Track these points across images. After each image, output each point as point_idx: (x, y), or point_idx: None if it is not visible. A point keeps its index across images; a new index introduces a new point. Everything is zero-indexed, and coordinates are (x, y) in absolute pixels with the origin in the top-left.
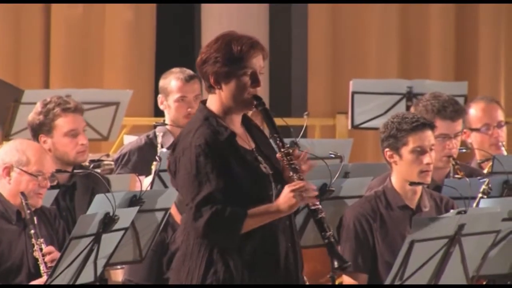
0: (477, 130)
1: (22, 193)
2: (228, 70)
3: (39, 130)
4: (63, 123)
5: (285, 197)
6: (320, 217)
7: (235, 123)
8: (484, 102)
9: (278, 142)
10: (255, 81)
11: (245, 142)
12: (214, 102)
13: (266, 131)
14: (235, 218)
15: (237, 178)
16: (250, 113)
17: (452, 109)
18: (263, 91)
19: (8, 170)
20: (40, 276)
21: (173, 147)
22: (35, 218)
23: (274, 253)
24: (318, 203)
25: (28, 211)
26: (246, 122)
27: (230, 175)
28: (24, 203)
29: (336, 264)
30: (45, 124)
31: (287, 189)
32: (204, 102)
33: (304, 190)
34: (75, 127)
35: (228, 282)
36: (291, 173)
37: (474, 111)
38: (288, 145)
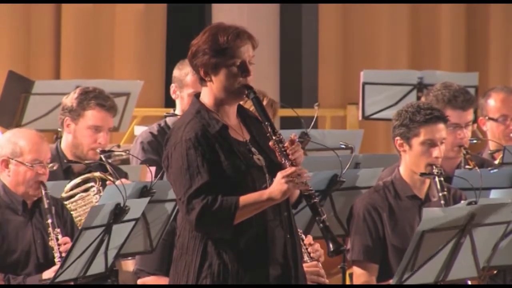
0: (494, 119)
1: (42, 183)
2: (216, 61)
3: (68, 112)
4: (91, 116)
5: (277, 184)
6: (314, 202)
7: (230, 115)
8: (504, 93)
9: (269, 130)
10: (245, 71)
11: (239, 134)
12: (206, 94)
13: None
14: (226, 208)
15: (228, 171)
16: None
17: (463, 99)
18: (274, 82)
19: (6, 162)
20: (49, 265)
21: (165, 142)
22: (53, 208)
23: (269, 246)
24: (311, 188)
25: (47, 201)
26: (243, 114)
27: (222, 168)
28: (43, 193)
29: (331, 247)
30: (76, 110)
31: (279, 176)
32: (197, 95)
33: (296, 176)
34: (100, 124)
35: (222, 275)
36: (283, 160)
37: (493, 100)
38: (279, 133)
